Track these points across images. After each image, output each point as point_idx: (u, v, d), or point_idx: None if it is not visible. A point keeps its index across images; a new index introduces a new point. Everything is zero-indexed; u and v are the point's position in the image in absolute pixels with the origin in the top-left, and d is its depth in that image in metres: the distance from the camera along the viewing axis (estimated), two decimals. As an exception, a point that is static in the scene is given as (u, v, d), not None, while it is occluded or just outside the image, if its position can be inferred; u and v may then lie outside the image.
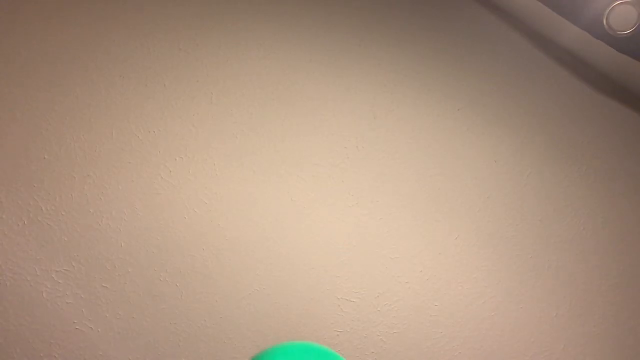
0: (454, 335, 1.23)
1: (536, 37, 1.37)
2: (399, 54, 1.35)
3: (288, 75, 1.30)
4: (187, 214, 1.20)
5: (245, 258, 1.20)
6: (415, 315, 1.22)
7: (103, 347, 1.13)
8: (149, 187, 1.20)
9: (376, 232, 1.25)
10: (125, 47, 1.26)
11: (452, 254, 1.26)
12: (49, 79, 1.22)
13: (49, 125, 1.20)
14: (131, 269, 1.16)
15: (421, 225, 1.27)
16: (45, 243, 1.15)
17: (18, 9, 1.25)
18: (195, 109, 1.26)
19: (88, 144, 1.21)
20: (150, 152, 1.22)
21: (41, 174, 1.18)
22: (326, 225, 1.24)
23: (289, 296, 1.19)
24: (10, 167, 1.17)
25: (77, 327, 1.13)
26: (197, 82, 1.27)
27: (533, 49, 1.37)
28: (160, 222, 1.19)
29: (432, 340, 1.22)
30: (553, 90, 1.36)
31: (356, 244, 1.24)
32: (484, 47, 1.37)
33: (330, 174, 1.27)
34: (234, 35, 1.31)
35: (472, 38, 1.38)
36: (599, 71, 1.36)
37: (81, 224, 1.17)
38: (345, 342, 1.19)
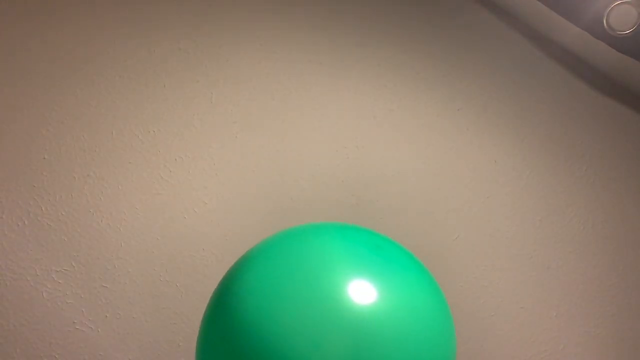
0: (454, 335, 1.23)
1: (536, 37, 1.37)
2: (399, 54, 1.35)
3: (288, 76, 1.30)
4: (187, 214, 1.20)
5: (245, 258, 1.20)
6: (415, 315, 1.22)
7: (103, 347, 1.13)
8: (149, 187, 1.20)
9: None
10: (125, 47, 1.26)
11: (452, 253, 1.26)
12: (49, 79, 1.22)
13: (49, 125, 1.20)
14: (131, 269, 1.16)
15: (421, 226, 1.27)
16: (45, 243, 1.15)
17: (17, 9, 1.25)
18: (195, 109, 1.26)
19: (88, 144, 1.21)
20: (150, 152, 1.22)
21: (41, 174, 1.18)
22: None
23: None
24: (10, 167, 1.17)
25: (77, 327, 1.13)
26: (197, 82, 1.27)
27: (533, 49, 1.37)
28: (160, 222, 1.19)
29: (432, 340, 1.22)
30: (553, 90, 1.36)
31: (356, 244, 1.24)
32: (484, 47, 1.37)
33: (330, 173, 1.27)
34: (234, 35, 1.30)
35: (472, 38, 1.37)
36: (599, 71, 1.36)
37: (81, 224, 1.17)
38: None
